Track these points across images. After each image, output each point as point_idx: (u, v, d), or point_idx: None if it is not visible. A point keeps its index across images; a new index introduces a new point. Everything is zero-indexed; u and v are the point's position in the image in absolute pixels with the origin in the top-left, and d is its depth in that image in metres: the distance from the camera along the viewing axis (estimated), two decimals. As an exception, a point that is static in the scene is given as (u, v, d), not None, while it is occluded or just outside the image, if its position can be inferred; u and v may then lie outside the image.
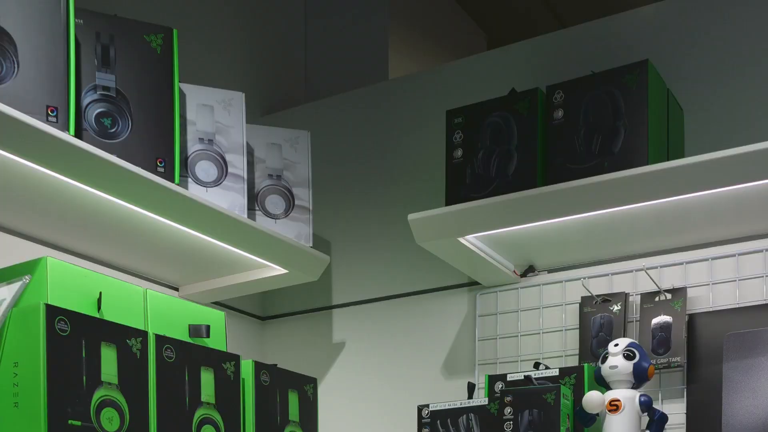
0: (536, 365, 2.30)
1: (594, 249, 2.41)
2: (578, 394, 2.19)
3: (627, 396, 2.14)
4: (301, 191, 2.52)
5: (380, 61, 3.25)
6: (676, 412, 2.31)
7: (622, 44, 2.44)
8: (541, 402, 2.11)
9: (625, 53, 2.43)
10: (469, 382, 2.35)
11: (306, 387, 2.36)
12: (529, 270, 2.54)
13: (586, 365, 2.24)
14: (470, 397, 2.33)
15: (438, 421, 2.24)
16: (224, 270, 2.53)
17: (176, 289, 2.65)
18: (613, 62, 2.41)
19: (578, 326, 2.45)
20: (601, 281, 2.47)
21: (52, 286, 1.88)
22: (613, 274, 2.44)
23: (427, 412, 2.27)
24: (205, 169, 2.29)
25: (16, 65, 1.89)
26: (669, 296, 2.33)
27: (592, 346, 2.40)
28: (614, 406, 2.13)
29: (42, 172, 1.94)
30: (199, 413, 2.05)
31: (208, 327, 2.16)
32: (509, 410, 2.15)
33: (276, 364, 2.28)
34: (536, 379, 2.22)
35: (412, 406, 2.49)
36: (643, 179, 2.06)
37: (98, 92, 2.05)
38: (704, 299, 2.34)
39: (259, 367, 2.22)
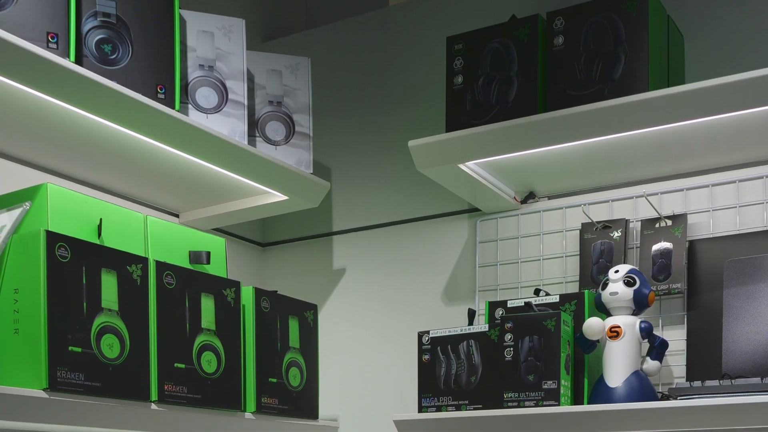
0: (536, 292, 2.31)
1: (594, 175, 2.40)
2: (578, 320, 2.20)
3: (627, 322, 2.15)
4: (302, 118, 2.51)
5: (381, -14, 3.22)
6: (676, 338, 2.32)
7: (624, -31, 2.42)
8: (542, 328, 2.12)
9: (628, -22, 2.41)
10: (469, 309, 2.36)
11: (306, 313, 2.38)
12: (530, 196, 2.54)
13: (586, 292, 2.25)
14: (470, 323, 2.35)
15: (438, 348, 2.25)
16: (225, 196, 2.53)
17: (176, 216, 2.65)
18: (616, -13, 2.40)
19: (578, 253, 2.45)
20: (601, 208, 2.47)
21: (52, 212, 1.89)
22: (613, 200, 2.44)
23: (427, 338, 2.28)
24: (206, 96, 2.28)
25: (14, -9, 1.88)
26: (669, 223, 2.33)
27: (593, 272, 2.40)
28: (614, 333, 2.14)
29: (42, 98, 1.93)
30: (200, 340, 2.06)
31: (208, 253, 2.17)
32: (509, 337, 2.16)
33: (276, 291, 2.29)
34: (536, 305, 2.23)
35: (413, 333, 2.50)
36: (644, 106, 2.05)
37: (98, 18, 2.04)
38: (704, 225, 2.34)
39: (259, 293, 2.23)
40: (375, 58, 2.82)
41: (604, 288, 2.18)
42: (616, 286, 2.16)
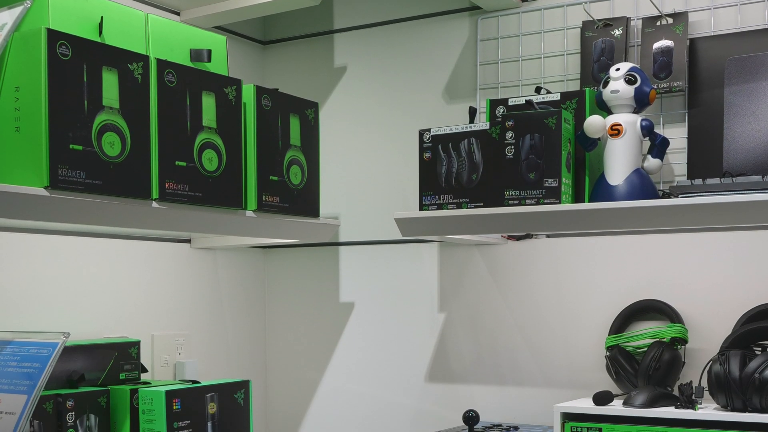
0: (537, 90, 2.30)
1: (598, -28, 2.37)
2: (579, 118, 2.20)
3: (628, 120, 2.14)
4: None
5: None
6: (677, 136, 2.32)
7: None
8: (543, 126, 2.12)
9: None
10: (470, 107, 2.35)
11: (307, 111, 2.37)
12: (532, -6, 2.51)
13: (587, 90, 2.24)
14: (471, 121, 2.34)
15: (439, 146, 2.26)
16: (225, -6, 2.51)
17: (177, 14, 2.62)
18: None
19: (579, 51, 2.44)
20: (602, 6, 2.44)
21: (53, 10, 1.86)
22: (616, -2, 2.42)
23: (428, 136, 2.28)
24: None
25: None
26: (670, 21, 2.30)
27: (594, 70, 2.39)
28: (615, 131, 2.14)
29: None
30: (201, 138, 2.06)
31: (209, 51, 2.15)
32: (510, 135, 2.16)
33: (277, 89, 2.28)
34: (537, 103, 2.22)
35: (414, 131, 2.50)
36: None
37: None
38: (705, 23, 2.32)
39: (260, 91, 2.22)
40: None
41: (605, 86, 2.17)
42: (617, 84, 2.15)
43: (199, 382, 2.27)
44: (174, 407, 2.14)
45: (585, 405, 2.19)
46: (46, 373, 1.72)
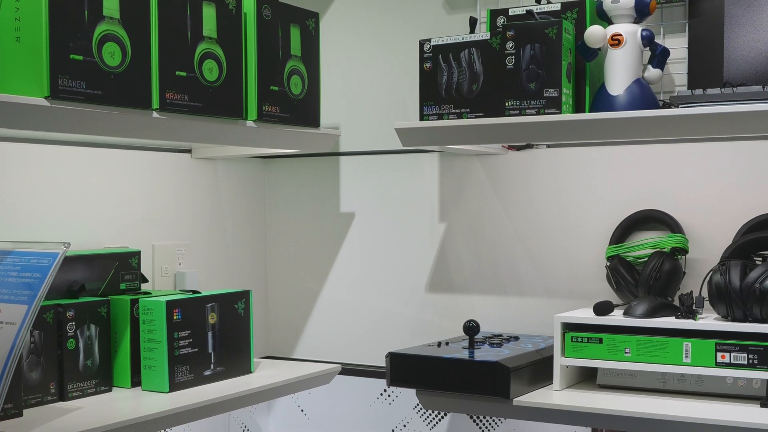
0: (538, 0, 2.28)
1: None
2: (580, 28, 2.18)
3: (629, 30, 2.13)
4: None
5: None
6: (677, 46, 2.31)
7: None
8: (543, 37, 2.11)
9: None
10: (471, 17, 2.34)
11: (308, 21, 2.36)
12: None
13: (587, 0, 2.22)
14: (472, 31, 2.33)
15: (440, 56, 2.24)
16: None
17: None
18: None
19: (583, -40, 2.42)
20: None
21: None
22: None
23: (428, 46, 2.27)
24: None
25: None
26: (676, -71, 2.28)
27: (596, -20, 2.38)
28: (616, 41, 2.13)
29: None
30: (201, 48, 2.05)
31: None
32: (511, 45, 2.15)
33: (277, -1, 2.26)
34: (538, 13, 2.21)
35: (414, 41, 2.48)
36: None
37: None
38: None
39: (260, 1, 2.21)
40: None
41: (606, -2, 2.16)
42: (619, -6, 2.14)
43: (199, 292, 2.29)
44: (174, 317, 2.15)
45: (585, 315, 2.20)
46: (46, 284, 1.73)
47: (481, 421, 2.63)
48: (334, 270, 2.88)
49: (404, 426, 2.76)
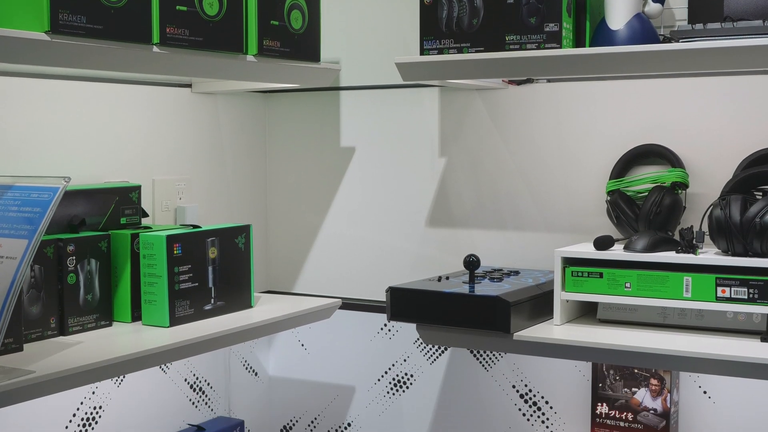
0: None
1: None
2: (582, -39, 2.17)
3: (631, -36, 2.12)
4: None
5: None
6: (679, -19, 2.30)
7: None
8: (545, -30, 2.10)
9: None
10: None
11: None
12: None
13: (591, -68, 2.21)
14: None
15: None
16: None
17: None
18: None
19: None
20: None
21: None
22: None
23: (429, -20, 2.26)
24: None
25: None
26: None
27: None
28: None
29: None
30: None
31: None
32: (512, -22, 2.14)
33: (276, -69, 2.24)
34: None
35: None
36: None
37: None
38: None
39: None
40: None
41: None
42: None
43: (199, 227, 2.29)
44: (175, 252, 2.16)
45: (586, 250, 2.21)
46: (46, 218, 1.73)
47: (481, 355, 2.65)
48: (335, 205, 2.88)
49: (404, 360, 2.78)
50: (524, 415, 2.61)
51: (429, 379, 2.75)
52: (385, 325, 2.80)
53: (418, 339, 2.74)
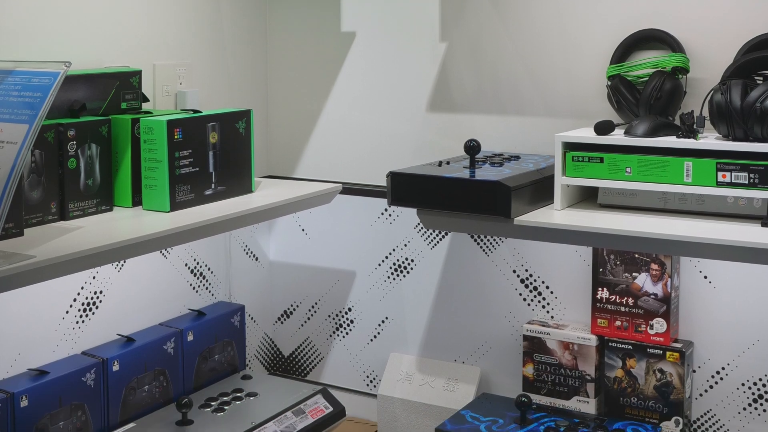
0: None
1: None
2: None
3: None
4: None
5: None
6: None
7: None
8: None
9: None
10: None
11: None
12: None
13: None
14: None
15: None
16: None
17: None
18: None
19: None
20: None
21: None
22: None
23: None
24: None
25: None
26: None
27: None
28: None
29: None
30: None
31: None
32: None
33: None
34: None
35: None
36: None
37: None
38: None
39: None
40: None
41: None
42: None
43: (200, 112, 2.29)
44: (175, 136, 2.16)
45: (586, 134, 2.20)
46: (47, 103, 1.72)
47: (481, 240, 2.66)
48: (335, 90, 2.86)
49: (405, 245, 2.80)
50: (525, 300, 2.63)
51: (429, 264, 2.77)
52: (386, 209, 2.80)
53: (418, 224, 2.75)
